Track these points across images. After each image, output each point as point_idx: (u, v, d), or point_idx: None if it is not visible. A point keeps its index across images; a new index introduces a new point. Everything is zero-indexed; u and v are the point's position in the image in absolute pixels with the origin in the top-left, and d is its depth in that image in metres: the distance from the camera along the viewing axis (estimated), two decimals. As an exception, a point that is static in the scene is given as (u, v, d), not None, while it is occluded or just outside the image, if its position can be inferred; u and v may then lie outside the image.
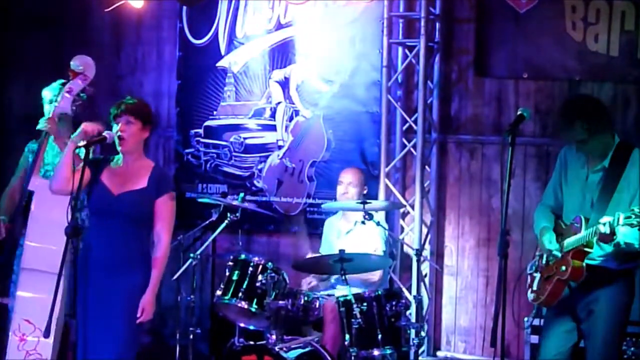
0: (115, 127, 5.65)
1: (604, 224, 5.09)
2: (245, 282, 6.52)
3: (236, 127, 8.68)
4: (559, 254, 5.46)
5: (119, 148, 5.68)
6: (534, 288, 5.64)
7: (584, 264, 5.31)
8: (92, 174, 5.66)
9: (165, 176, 5.95)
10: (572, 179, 5.62)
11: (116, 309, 5.55)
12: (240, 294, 6.50)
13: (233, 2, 8.63)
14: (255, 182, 8.58)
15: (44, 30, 9.21)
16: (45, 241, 6.05)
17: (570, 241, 5.39)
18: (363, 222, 6.75)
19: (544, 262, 5.59)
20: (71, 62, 6.28)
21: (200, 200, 7.75)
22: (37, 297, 5.92)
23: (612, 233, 5.07)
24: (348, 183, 7.32)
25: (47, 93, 6.80)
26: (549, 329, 5.67)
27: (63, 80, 6.77)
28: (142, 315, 5.57)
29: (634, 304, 5.56)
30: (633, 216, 4.95)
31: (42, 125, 6.22)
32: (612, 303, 5.42)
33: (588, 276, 5.36)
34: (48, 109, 6.76)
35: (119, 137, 5.63)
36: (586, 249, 5.29)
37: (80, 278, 5.57)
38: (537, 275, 5.64)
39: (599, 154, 5.46)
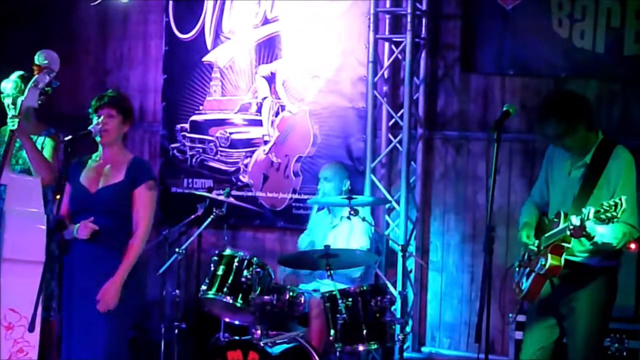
0: (96, 120, 5.64)
1: (576, 217, 5.10)
2: (231, 277, 6.52)
3: (222, 122, 8.67)
4: (534, 248, 5.47)
5: (98, 140, 5.65)
6: (518, 283, 5.65)
7: (562, 259, 5.32)
8: (70, 177, 5.64)
9: (143, 166, 5.86)
10: (556, 175, 5.63)
11: (90, 305, 5.53)
12: (225, 289, 6.50)
13: (219, -4, 8.64)
14: (241, 177, 8.57)
15: (29, 23, 9.18)
16: (23, 232, 6.03)
17: (546, 236, 5.40)
18: (349, 218, 6.76)
19: (526, 257, 5.60)
20: (35, 57, 6.27)
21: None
22: (21, 286, 5.91)
23: (583, 227, 5.07)
24: (323, 178, 7.38)
25: (7, 86, 6.79)
26: (531, 324, 5.68)
27: (21, 73, 6.77)
28: (100, 303, 5.50)
29: (616, 300, 5.56)
30: (602, 210, 4.96)
31: (12, 125, 6.21)
32: (593, 300, 5.42)
33: (569, 273, 5.37)
34: (7, 103, 6.74)
35: (100, 130, 5.60)
36: (564, 244, 5.29)
37: (65, 275, 5.56)
38: (520, 271, 5.65)
39: (580, 150, 5.46)
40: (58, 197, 5.43)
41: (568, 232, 5.17)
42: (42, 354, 6.25)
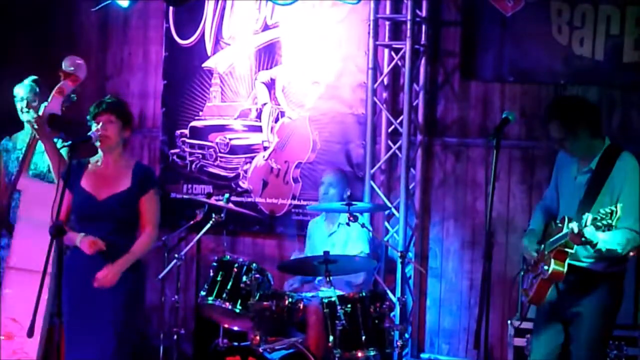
0: (95, 126, 5.63)
1: (575, 224, 5.10)
2: (230, 283, 6.53)
3: (222, 128, 8.67)
4: (534, 254, 5.47)
5: (98, 145, 5.65)
6: (525, 287, 5.65)
7: (565, 264, 5.32)
8: (72, 181, 5.65)
9: (148, 172, 5.91)
10: (564, 180, 5.65)
11: (100, 312, 5.53)
12: (224, 295, 6.52)
13: (220, 2, 8.63)
14: (240, 183, 8.57)
15: (30, 29, 9.18)
16: (32, 241, 6.03)
17: (550, 241, 5.41)
18: (348, 224, 6.76)
19: (533, 261, 5.60)
20: (63, 63, 6.27)
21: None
22: (24, 296, 5.90)
23: (581, 234, 5.07)
24: (328, 184, 7.39)
25: (19, 90, 6.80)
26: (538, 329, 5.69)
27: (34, 77, 6.77)
28: (97, 281, 5.50)
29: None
30: (599, 217, 4.97)
31: (30, 117, 6.20)
32: (598, 306, 5.42)
33: (575, 278, 5.37)
34: (20, 106, 6.76)
35: (100, 136, 5.61)
36: (567, 249, 5.28)
37: (67, 279, 5.55)
38: (529, 275, 5.64)
39: (584, 155, 5.47)
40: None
41: (568, 239, 5.18)
42: None
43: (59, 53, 9.12)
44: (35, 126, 6.14)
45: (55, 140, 6.63)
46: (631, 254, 5.56)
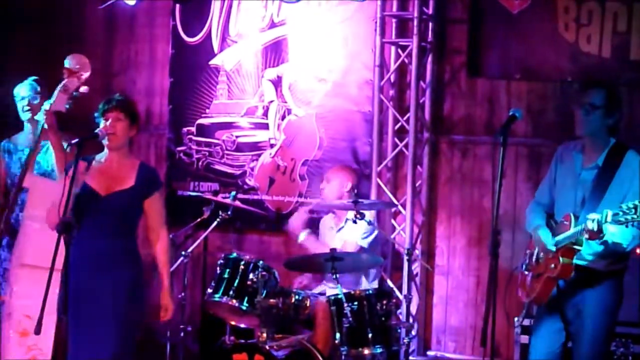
0: (103, 123, 5.64)
1: (592, 220, 5.09)
2: (236, 280, 6.53)
3: (228, 126, 8.68)
4: (554, 249, 5.46)
5: (106, 144, 5.66)
6: (526, 286, 5.65)
7: (573, 261, 5.31)
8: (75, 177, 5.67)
9: (153, 174, 5.94)
10: (565, 176, 5.64)
11: (105, 307, 5.55)
12: (231, 292, 6.52)
13: (226, 0, 8.64)
14: (247, 180, 8.58)
15: (37, 26, 9.19)
16: (41, 237, 6.03)
17: (559, 238, 5.40)
18: (354, 222, 6.75)
19: (534, 260, 5.60)
20: (66, 61, 6.26)
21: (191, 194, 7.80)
22: (35, 293, 5.92)
23: (600, 230, 5.07)
24: (325, 178, 7.39)
25: (20, 90, 6.80)
26: (539, 328, 5.69)
27: (35, 77, 6.77)
28: (165, 314, 5.89)
29: (622, 304, 5.56)
30: (621, 213, 4.96)
31: (41, 117, 6.19)
32: (599, 305, 5.42)
33: (576, 277, 5.37)
34: (21, 106, 6.76)
35: (109, 134, 5.62)
36: (575, 247, 5.29)
37: (72, 276, 5.56)
38: (529, 274, 5.64)
39: (592, 143, 5.49)
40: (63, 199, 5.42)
41: (586, 236, 5.16)
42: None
43: (65, 51, 9.18)
44: (45, 124, 6.14)
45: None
46: (638, 250, 5.56)
